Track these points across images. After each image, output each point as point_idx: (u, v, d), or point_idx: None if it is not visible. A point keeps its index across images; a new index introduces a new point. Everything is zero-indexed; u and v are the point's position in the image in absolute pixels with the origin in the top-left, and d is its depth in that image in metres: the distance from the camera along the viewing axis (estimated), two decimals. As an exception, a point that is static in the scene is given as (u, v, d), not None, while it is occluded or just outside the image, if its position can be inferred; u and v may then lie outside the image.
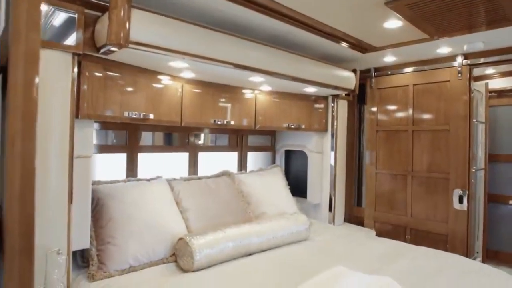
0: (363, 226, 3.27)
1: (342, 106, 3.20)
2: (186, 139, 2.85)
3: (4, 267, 0.93)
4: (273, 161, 3.56)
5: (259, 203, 2.66)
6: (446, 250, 2.57)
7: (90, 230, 1.85)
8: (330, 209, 3.14)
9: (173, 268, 1.95)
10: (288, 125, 2.88)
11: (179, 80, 2.21)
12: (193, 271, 1.89)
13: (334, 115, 3.15)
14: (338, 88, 2.84)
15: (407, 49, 2.65)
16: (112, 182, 2.12)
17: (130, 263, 1.87)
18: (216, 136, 3.12)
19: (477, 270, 2.00)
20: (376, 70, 3.26)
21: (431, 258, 2.19)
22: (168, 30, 1.71)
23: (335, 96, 3.12)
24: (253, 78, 2.30)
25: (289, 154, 3.59)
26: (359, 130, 3.56)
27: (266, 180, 2.89)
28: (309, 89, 2.77)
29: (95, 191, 1.95)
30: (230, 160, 3.20)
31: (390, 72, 3.19)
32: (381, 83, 3.27)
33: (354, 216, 3.43)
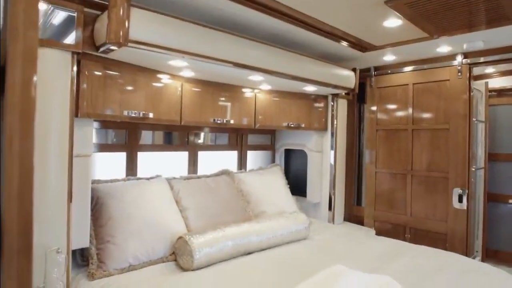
0: (363, 225, 3.27)
1: (342, 105, 3.20)
2: (185, 138, 2.85)
3: (3, 267, 0.93)
4: (272, 160, 3.56)
5: (259, 202, 2.66)
6: (446, 249, 2.57)
7: (90, 229, 1.85)
8: (330, 208, 3.14)
9: (172, 267, 1.95)
10: (288, 124, 2.88)
11: (179, 79, 2.21)
12: (192, 270, 1.89)
13: (334, 114, 3.15)
14: (338, 87, 2.83)
15: (407, 48, 2.64)
16: (111, 181, 2.12)
17: (130, 262, 1.87)
18: (216, 135, 3.12)
19: (476, 269, 2.00)
20: (376, 69, 3.26)
21: (430, 257, 2.19)
22: (168, 28, 1.71)
23: (335, 95, 3.12)
24: (252, 77, 2.30)
25: (288, 153, 3.59)
26: (359, 129, 3.56)
27: (265, 179, 2.89)
28: (308, 88, 2.77)
29: (95, 190, 1.95)
30: (229, 159, 3.20)
31: (390, 71, 3.19)
32: (381, 82, 3.27)
33: (353, 215, 3.43)
